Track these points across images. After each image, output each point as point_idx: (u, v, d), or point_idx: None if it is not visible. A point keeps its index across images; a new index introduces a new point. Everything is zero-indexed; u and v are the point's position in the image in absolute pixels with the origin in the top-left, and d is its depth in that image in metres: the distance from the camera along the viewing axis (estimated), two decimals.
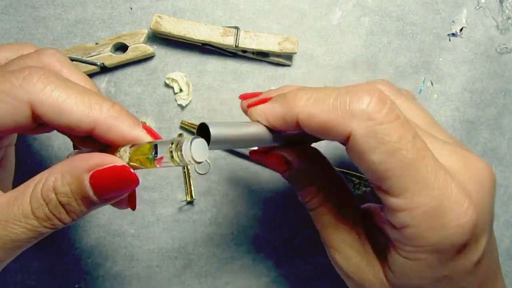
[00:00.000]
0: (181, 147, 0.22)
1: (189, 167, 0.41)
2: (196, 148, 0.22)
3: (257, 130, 0.27)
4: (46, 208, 0.23)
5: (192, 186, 0.41)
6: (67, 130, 0.25)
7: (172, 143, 0.22)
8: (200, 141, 0.23)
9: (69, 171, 0.23)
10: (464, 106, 0.44)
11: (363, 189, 0.39)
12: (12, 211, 0.23)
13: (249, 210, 0.42)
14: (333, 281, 0.42)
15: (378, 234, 0.29)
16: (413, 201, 0.23)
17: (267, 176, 0.42)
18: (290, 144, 0.30)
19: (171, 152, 0.22)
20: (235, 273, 0.41)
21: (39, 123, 0.25)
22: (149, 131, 0.26)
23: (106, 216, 0.40)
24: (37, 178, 0.24)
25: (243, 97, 0.31)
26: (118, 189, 0.24)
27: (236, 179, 0.42)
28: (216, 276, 0.41)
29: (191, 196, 0.41)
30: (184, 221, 0.41)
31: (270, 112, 0.27)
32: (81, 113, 0.24)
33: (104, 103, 0.25)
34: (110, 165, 0.24)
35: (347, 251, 0.29)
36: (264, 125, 0.27)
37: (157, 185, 0.41)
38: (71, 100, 0.24)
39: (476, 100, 0.45)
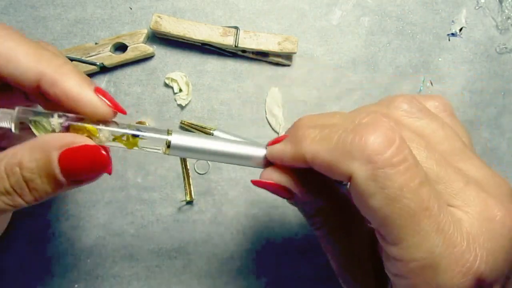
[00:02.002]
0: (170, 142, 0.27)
1: (188, 167, 0.41)
2: None
3: (242, 150, 0.28)
4: (7, 182, 0.23)
5: (191, 186, 0.41)
6: (13, 81, 0.25)
7: (166, 142, 0.27)
8: None
9: (39, 147, 0.23)
10: (464, 106, 0.44)
11: None
12: None
13: (249, 210, 0.42)
14: (333, 281, 0.42)
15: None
16: (409, 253, 0.22)
17: None
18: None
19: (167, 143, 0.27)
20: (235, 273, 0.41)
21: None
22: (104, 94, 0.26)
23: (106, 216, 0.40)
24: (4, 152, 0.24)
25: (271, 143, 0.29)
26: (87, 171, 0.24)
27: (236, 179, 0.42)
28: (216, 276, 0.41)
29: (191, 196, 0.41)
30: (184, 221, 0.41)
31: (282, 153, 0.26)
32: (29, 63, 0.24)
33: (57, 59, 0.25)
34: (82, 144, 0.24)
35: (353, 280, 0.28)
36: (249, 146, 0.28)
37: (157, 185, 0.41)
38: (21, 50, 0.24)
39: (476, 100, 0.45)
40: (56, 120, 0.25)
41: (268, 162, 0.28)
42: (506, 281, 0.24)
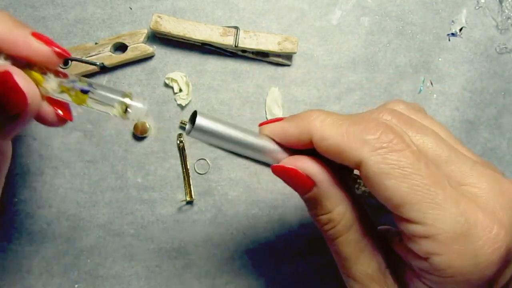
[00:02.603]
0: (127, 107, 0.26)
1: (188, 167, 0.41)
2: (143, 110, 0.26)
3: (261, 143, 0.28)
4: None
5: (191, 186, 0.41)
6: None
7: (118, 101, 0.26)
8: (146, 104, 0.27)
9: None
10: (464, 106, 0.44)
11: (363, 188, 0.38)
12: None
13: (249, 210, 0.42)
14: (333, 281, 0.42)
15: (397, 260, 0.27)
16: (435, 227, 0.22)
17: (267, 176, 0.42)
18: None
19: (123, 106, 0.26)
20: (235, 273, 0.41)
21: None
22: (41, 37, 0.25)
23: (106, 216, 0.40)
24: None
25: (262, 124, 0.30)
26: (6, 98, 0.24)
27: (236, 179, 0.42)
28: (216, 276, 0.41)
29: (191, 196, 0.41)
30: (184, 221, 0.41)
31: (284, 130, 0.27)
32: None
33: None
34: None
35: (368, 283, 0.27)
36: (273, 141, 0.28)
37: (157, 185, 0.41)
38: None
39: (475, 100, 0.45)
40: (0, 61, 0.25)
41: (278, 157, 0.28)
42: None
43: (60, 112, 0.27)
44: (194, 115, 0.26)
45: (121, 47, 0.41)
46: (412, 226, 0.23)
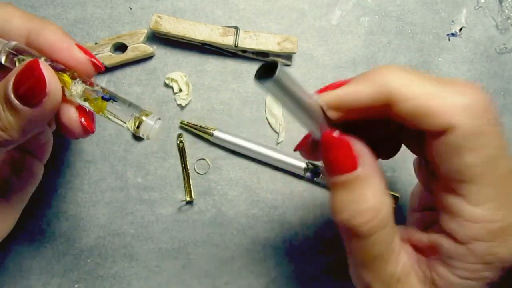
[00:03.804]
0: (140, 123, 0.28)
1: (188, 167, 0.41)
2: (154, 128, 0.28)
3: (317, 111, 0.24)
4: None
5: (191, 186, 0.41)
6: (7, 35, 0.28)
7: (133, 116, 0.28)
8: (159, 124, 0.28)
9: (6, 77, 0.25)
10: None
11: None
12: None
13: (248, 210, 0.42)
14: (333, 281, 0.42)
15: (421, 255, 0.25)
16: (495, 214, 0.21)
17: (267, 176, 0.42)
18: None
19: (136, 122, 0.28)
20: (235, 273, 0.41)
21: None
22: (82, 49, 0.28)
23: (106, 216, 0.40)
24: None
25: (321, 90, 0.25)
26: (31, 88, 0.25)
27: (236, 179, 0.42)
28: (216, 276, 0.41)
29: (191, 196, 0.41)
30: (184, 221, 0.41)
31: (356, 92, 0.23)
32: (21, 22, 0.28)
33: (44, 20, 0.28)
34: (28, 62, 0.25)
35: (394, 285, 0.23)
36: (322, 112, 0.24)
37: (157, 185, 0.41)
38: (16, 14, 0.28)
39: None
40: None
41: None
42: None
43: (83, 120, 0.28)
44: (270, 67, 0.21)
45: (121, 47, 0.41)
46: (468, 206, 0.21)
